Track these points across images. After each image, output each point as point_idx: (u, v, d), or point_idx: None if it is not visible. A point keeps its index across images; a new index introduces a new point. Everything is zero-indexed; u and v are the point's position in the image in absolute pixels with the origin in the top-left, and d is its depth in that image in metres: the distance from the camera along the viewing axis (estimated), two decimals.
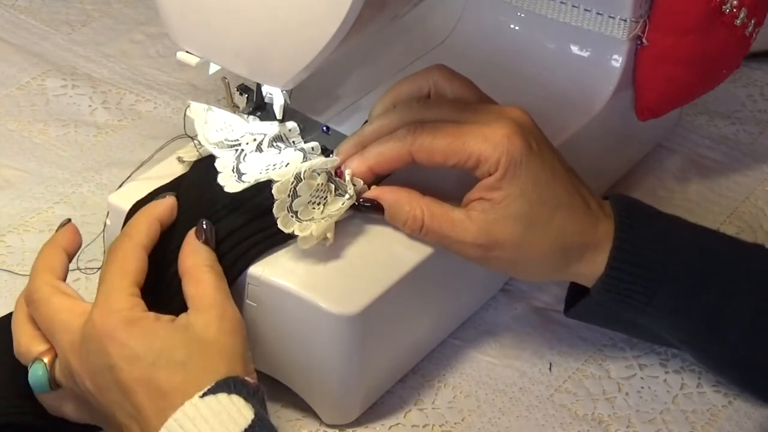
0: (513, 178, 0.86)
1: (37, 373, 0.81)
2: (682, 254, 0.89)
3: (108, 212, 0.92)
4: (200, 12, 0.85)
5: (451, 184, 0.90)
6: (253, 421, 0.75)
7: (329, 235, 0.86)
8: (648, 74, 1.04)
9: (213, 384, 0.76)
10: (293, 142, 0.92)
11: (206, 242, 0.85)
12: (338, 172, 0.89)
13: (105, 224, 0.92)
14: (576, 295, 0.93)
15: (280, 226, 0.85)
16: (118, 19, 1.30)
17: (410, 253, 0.89)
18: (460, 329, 0.98)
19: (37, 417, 0.83)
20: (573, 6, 1.03)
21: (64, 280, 0.85)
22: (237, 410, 0.75)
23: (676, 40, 1.02)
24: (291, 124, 0.92)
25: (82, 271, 0.97)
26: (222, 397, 0.75)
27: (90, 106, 1.18)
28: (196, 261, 0.84)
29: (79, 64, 1.23)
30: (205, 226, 0.85)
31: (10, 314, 0.88)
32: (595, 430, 0.91)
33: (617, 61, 1.04)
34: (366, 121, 0.93)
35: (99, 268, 0.95)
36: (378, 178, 0.90)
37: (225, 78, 0.93)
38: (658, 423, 0.92)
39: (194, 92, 1.20)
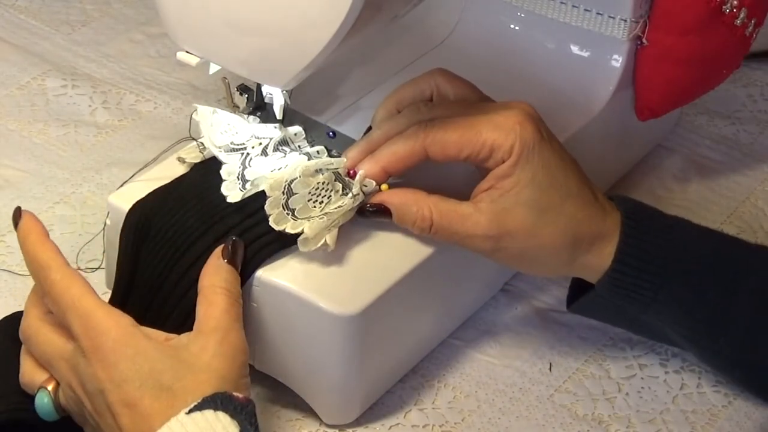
0: (525, 164, 0.86)
1: (42, 401, 0.81)
2: (687, 251, 0.89)
3: (108, 212, 0.92)
4: (200, 12, 0.85)
5: (456, 185, 0.90)
6: None
7: (329, 241, 0.86)
8: (648, 74, 1.04)
9: (200, 400, 0.75)
10: (299, 146, 0.91)
11: (230, 261, 0.84)
12: (351, 174, 0.89)
13: (105, 224, 0.92)
14: (579, 292, 0.93)
15: (271, 223, 0.85)
16: (118, 19, 1.30)
17: (410, 254, 0.89)
18: (460, 329, 0.98)
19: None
20: (573, 6, 1.03)
21: None
22: (222, 427, 0.74)
23: (676, 40, 1.02)
24: (296, 129, 0.92)
25: (83, 270, 0.97)
26: (208, 413, 0.75)
27: (90, 106, 1.18)
28: (213, 281, 0.83)
29: (79, 64, 1.23)
30: (230, 245, 0.85)
31: (12, 315, 0.89)
32: (595, 430, 0.91)
33: (617, 61, 1.04)
34: (369, 127, 0.93)
35: (98, 268, 0.95)
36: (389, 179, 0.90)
37: (225, 78, 0.93)
38: (658, 423, 0.92)
39: (194, 92, 1.20)
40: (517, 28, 1.09)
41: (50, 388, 0.81)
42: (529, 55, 1.07)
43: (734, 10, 1.01)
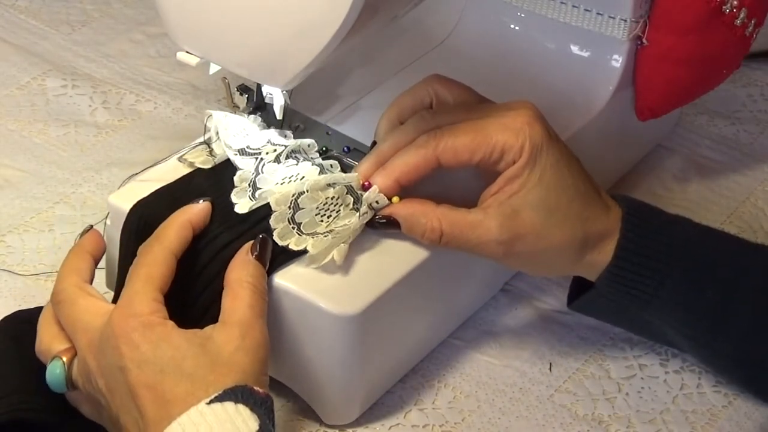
0: (535, 164, 0.86)
1: (54, 371, 0.82)
2: (687, 248, 0.89)
3: (108, 212, 0.92)
4: (200, 12, 0.85)
5: (464, 193, 0.90)
6: None
7: (336, 257, 0.85)
8: (648, 74, 1.04)
9: (221, 392, 0.76)
10: (312, 157, 0.91)
11: (258, 258, 0.84)
12: (365, 186, 0.88)
13: (105, 224, 0.92)
14: (580, 290, 0.93)
15: (275, 238, 0.85)
16: (118, 19, 1.31)
17: (410, 254, 0.89)
18: (460, 329, 0.98)
19: (48, 414, 0.83)
20: (573, 6, 1.03)
21: (91, 282, 0.86)
22: (242, 420, 0.75)
23: (676, 40, 1.02)
24: (309, 141, 0.91)
25: None
26: (228, 405, 0.75)
27: (90, 106, 1.18)
28: (240, 275, 0.83)
29: (79, 64, 1.23)
30: (259, 242, 0.85)
31: (12, 314, 0.89)
32: (595, 430, 0.91)
33: (617, 61, 1.04)
34: (374, 142, 0.92)
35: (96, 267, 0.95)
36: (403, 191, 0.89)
37: (225, 78, 0.93)
38: (658, 423, 0.92)
39: (194, 92, 1.20)
40: (517, 28, 1.09)
41: (65, 359, 0.82)
42: (529, 55, 1.07)
43: (734, 10, 1.01)
